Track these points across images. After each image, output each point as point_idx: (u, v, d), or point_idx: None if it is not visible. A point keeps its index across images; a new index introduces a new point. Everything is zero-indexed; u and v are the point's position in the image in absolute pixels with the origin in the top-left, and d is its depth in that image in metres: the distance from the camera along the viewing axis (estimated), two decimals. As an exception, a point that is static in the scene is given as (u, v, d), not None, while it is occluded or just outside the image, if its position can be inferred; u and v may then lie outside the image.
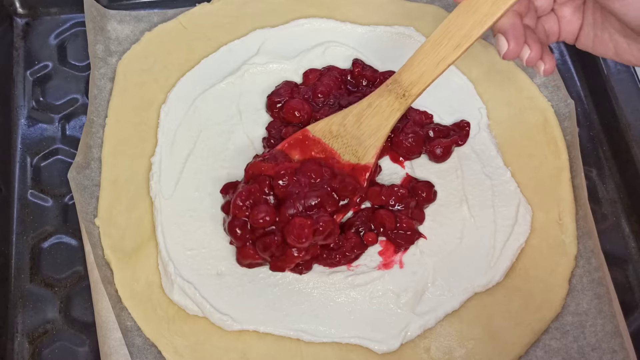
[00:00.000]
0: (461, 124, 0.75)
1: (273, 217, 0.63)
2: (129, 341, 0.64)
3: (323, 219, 0.63)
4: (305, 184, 0.65)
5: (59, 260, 0.72)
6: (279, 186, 0.64)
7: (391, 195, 0.69)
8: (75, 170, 0.72)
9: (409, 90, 0.61)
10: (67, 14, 0.89)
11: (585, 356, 0.65)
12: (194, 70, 0.80)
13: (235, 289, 0.66)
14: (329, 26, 0.83)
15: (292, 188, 0.64)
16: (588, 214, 0.70)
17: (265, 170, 0.65)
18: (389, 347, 0.64)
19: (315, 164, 0.65)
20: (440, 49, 0.58)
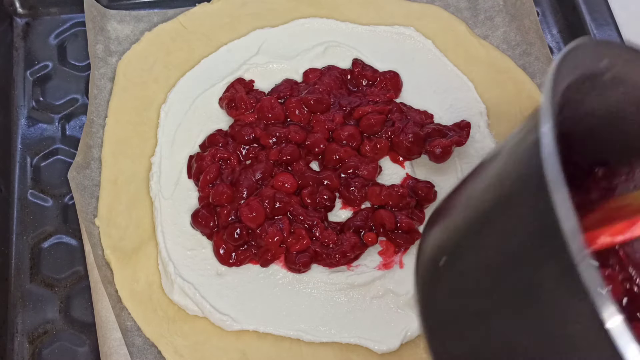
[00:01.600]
0: (461, 124, 0.75)
1: (230, 194, 0.68)
2: (129, 341, 0.64)
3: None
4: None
5: (59, 260, 0.72)
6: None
7: (391, 195, 0.69)
8: (75, 170, 0.72)
9: None
10: (67, 14, 0.89)
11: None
12: (194, 70, 0.80)
13: (235, 289, 0.66)
14: (329, 26, 0.83)
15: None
16: (588, 214, 0.70)
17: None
18: (389, 347, 0.64)
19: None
20: None
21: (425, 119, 0.75)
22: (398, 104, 0.76)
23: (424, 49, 0.81)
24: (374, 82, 0.77)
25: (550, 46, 0.87)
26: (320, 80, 0.77)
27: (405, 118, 0.74)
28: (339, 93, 0.76)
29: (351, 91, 0.77)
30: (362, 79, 0.78)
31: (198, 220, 0.69)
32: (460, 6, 0.86)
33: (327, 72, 0.78)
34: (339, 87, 0.77)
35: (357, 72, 0.78)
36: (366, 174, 0.71)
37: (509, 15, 0.84)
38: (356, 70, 0.78)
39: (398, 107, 0.75)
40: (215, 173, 0.70)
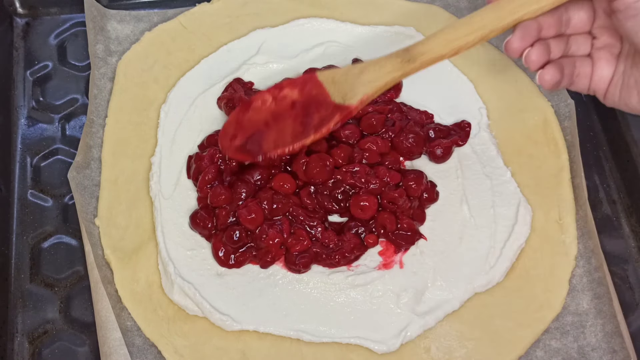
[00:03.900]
0: (461, 124, 0.75)
1: (228, 195, 0.68)
2: (129, 341, 0.64)
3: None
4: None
5: (59, 260, 0.72)
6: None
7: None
8: (75, 170, 0.72)
9: (415, 57, 0.63)
10: (67, 14, 0.89)
11: (585, 356, 0.65)
12: (194, 70, 0.80)
13: (235, 289, 0.66)
14: (329, 26, 0.83)
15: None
16: (588, 214, 0.70)
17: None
18: (389, 347, 0.64)
19: None
20: (457, 32, 0.61)
21: (425, 119, 0.75)
22: (398, 104, 0.76)
23: (424, 49, 0.81)
24: (374, 82, 0.77)
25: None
26: (320, 80, 0.77)
27: (405, 118, 0.74)
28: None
29: (351, 91, 0.77)
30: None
31: (196, 221, 0.69)
32: (460, 6, 0.86)
33: (327, 71, 0.78)
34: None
35: (357, 72, 0.78)
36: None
37: (509, 15, 0.84)
38: (356, 70, 0.78)
39: (398, 107, 0.75)
40: (214, 174, 0.70)
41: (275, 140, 0.67)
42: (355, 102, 0.64)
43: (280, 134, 0.67)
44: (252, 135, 0.68)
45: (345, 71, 0.67)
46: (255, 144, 0.67)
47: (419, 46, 0.63)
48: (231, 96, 0.75)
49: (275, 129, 0.68)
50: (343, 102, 0.65)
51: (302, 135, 0.66)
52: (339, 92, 0.66)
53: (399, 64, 0.63)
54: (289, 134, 0.67)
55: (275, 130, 0.67)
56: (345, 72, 0.66)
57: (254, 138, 0.68)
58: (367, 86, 0.64)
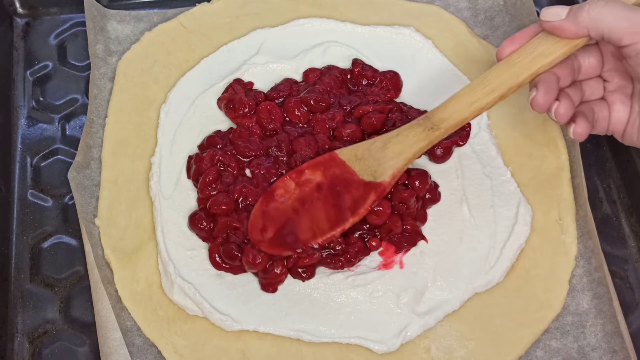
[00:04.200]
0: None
1: (230, 206, 0.68)
2: (129, 341, 0.64)
3: None
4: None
5: (59, 260, 0.72)
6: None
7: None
8: (75, 170, 0.72)
9: (438, 124, 0.63)
10: (67, 14, 0.89)
11: (586, 356, 0.65)
12: (194, 70, 0.80)
13: (235, 289, 0.66)
14: (329, 26, 0.83)
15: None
16: (588, 214, 0.70)
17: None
18: (389, 347, 0.64)
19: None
20: (475, 94, 0.62)
21: (425, 119, 0.75)
22: (398, 104, 0.76)
23: (424, 49, 0.81)
24: (374, 82, 0.77)
25: (550, 46, 0.87)
26: (320, 80, 0.77)
27: (405, 118, 0.74)
28: (339, 93, 0.76)
29: (351, 91, 0.77)
30: (362, 78, 0.78)
31: (195, 223, 0.69)
32: (460, 6, 0.86)
33: (327, 71, 0.78)
34: (339, 87, 0.77)
35: (357, 72, 0.78)
36: None
37: (509, 15, 0.84)
38: (356, 70, 0.78)
39: (398, 107, 0.75)
40: (215, 175, 0.70)
41: (311, 228, 0.65)
42: (387, 178, 0.64)
43: (315, 221, 0.66)
44: (284, 225, 0.66)
45: (367, 147, 0.66)
46: (290, 235, 0.66)
47: (439, 112, 0.63)
48: (231, 97, 0.75)
49: (307, 216, 0.66)
50: (374, 179, 0.65)
51: (340, 220, 0.65)
52: (366, 168, 0.65)
53: (423, 133, 0.64)
54: (323, 219, 0.65)
55: (308, 217, 0.66)
56: (367, 147, 0.66)
57: (287, 228, 0.66)
58: (396, 160, 0.64)
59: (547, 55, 0.59)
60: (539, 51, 0.60)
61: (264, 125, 0.73)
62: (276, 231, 0.66)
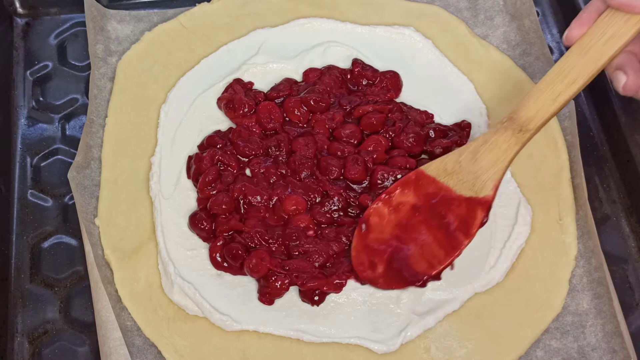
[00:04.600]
0: (462, 125, 0.75)
1: (230, 206, 0.67)
2: (129, 341, 0.64)
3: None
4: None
5: (59, 260, 0.72)
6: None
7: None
8: (75, 170, 0.72)
9: (526, 125, 0.61)
10: (67, 14, 0.89)
11: (586, 356, 0.65)
12: (194, 70, 0.80)
13: (235, 289, 0.66)
14: (329, 26, 0.83)
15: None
16: (588, 214, 0.70)
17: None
18: (389, 348, 0.64)
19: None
20: (556, 86, 0.60)
21: (425, 118, 0.75)
22: (398, 104, 0.76)
23: (424, 49, 0.81)
24: (374, 82, 0.77)
25: (550, 46, 0.87)
26: (320, 79, 0.77)
27: (405, 118, 0.74)
28: (339, 93, 0.76)
29: (351, 91, 0.77)
30: (362, 78, 0.78)
31: (195, 222, 0.69)
32: (460, 6, 0.86)
33: (327, 71, 0.78)
34: (339, 87, 0.77)
35: (357, 72, 0.78)
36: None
37: (509, 15, 0.84)
38: (356, 70, 0.78)
39: (398, 107, 0.75)
40: (215, 175, 0.70)
41: (423, 256, 0.63)
42: (490, 192, 0.62)
43: (425, 247, 0.63)
44: (393, 256, 0.64)
45: (456, 159, 0.64)
46: (404, 267, 0.63)
47: (524, 111, 0.62)
48: (231, 97, 0.75)
49: (414, 243, 0.64)
50: (475, 194, 0.63)
51: (453, 243, 0.63)
52: (461, 183, 0.63)
53: (512, 137, 0.62)
54: (434, 245, 0.63)
55: (415, 244, 0.64)
56: (456, 160, 0.64)
57: (397, 260, 0.64)
58: (493, 171, 0.62)
59: (620, 36, 0.57)
60: (610, 33, 0.58)
61: (264, 125, 0.74)
62: (386, 264, 0.64)
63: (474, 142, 0.65)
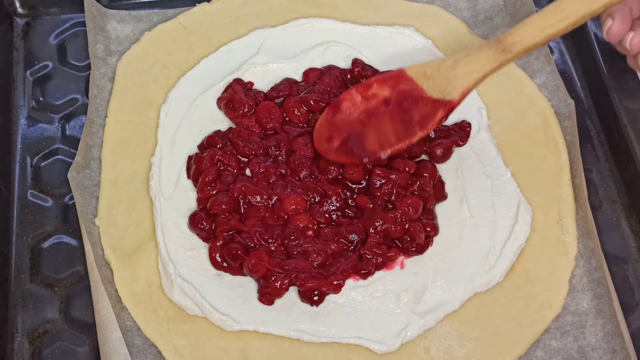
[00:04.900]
0: (462, 124, 0.75)
1: (230, 206, 0.68)
2: (129, 341, 0.64)
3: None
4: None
5: (59, 260, 0.72)
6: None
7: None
8: (75, 170, 0.72)
9: (509, 48, 0.64)
10: (67, 14, 0.89)
11: (586, 356, 0.65)
12: (194, 70, 0.80)
13: (235, 289, 0.66)
14: (329, 26, 0.83)
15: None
16: (588, 214, 0.70)
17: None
18: (389, 347, 0.64)
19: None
20: (548, 19, 0.62)
21: (425, 118, 0.75)
22: (398, 104, 0.76)
23: (424, 49, 0.81)
24: (374, 82, 0.77)
25: (550, 46, 0.87)
26: (320, 79, 0.77)
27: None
28: (339, 93, 0.76)
29: (351, 91, 0.78)
30: (362, 78, 0.78)
31: (195, 223, 0.69)
32: (460, 6, 0.86)
33: (327, 72, 0.78)
34: (339, 87, 0.77)
35: (357, 72, 0.78)
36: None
37: (509, 15, 0.84)
38: (356, 70, 0.78)
39: (398, 107, 0.75)
40: (215, 175, 0.70)
41: (378, 140, 0.67)
42: (457, 96, 0.65)
43: (382, 133, 0.67)
44: (350, 136, 0.68)
45: (436, 65, 0.67)
46: (357, 145, 0.67)
47: (511, 35, 0.64)
48: (231, 97, 0.75)
49: (374, 128, 0.67)
50: (442, 96, 0.65)
51: (408, 133, 0.66)
52: (434, 86, 0.66)
53: (494, 54, 0.64)
54: (390, 133, 0.66)
55: (374, 130, 0.67)
56: (437, 66, 0.67)
57: (353, 139, 0.68)
58: (466, 80, 0.65)
59: None
60: None
61: (264, 124, 0.74)
62: (342, 141, 0.68)
63: (458, 53, 0.67)
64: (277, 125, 0.74)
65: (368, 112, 0.69)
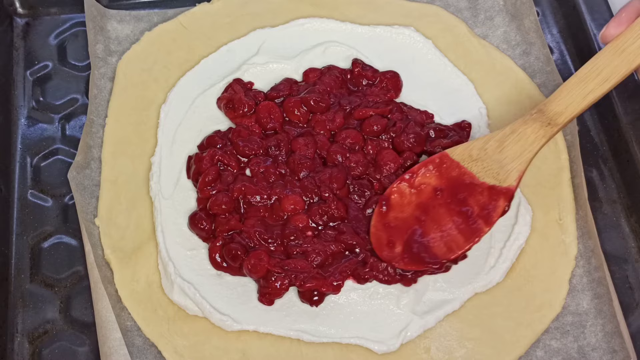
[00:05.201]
0: (462, 125, 0.75)
1: (230, 206, 0.68)
2: (129, 341, 0.64)
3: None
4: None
5: (59, 260, 0.72)
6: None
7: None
8: (75, 170, 0.72)
9: (555, 119, 0.62)
10: (67, 14, 0.89)
11: (586, 356, 0.65)
12: (194, 70, 0.80)
13: (236, 289, 0.66)
14: (329, 26, 0.83)
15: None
16: (588, 214, 0.70)
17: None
18: (389, 347, 0.64)
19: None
20: (588, 84, 0.61)
21: (425, 118, 0.75)
22: (398, 104, 0.76)
23: (424, 49, 0.81)
24: (374, 82, 0.77)
25: (550, 46, 0.87)
26: (320, 80, 0.77)
27: (406, 118, 0.74)
28: (339, 93, 0.76)
29: (351, 91, 0.77)
30: (362, 79, 0.78)
31: (195, 223, 0.69)
32: (460, 6, 0.86)
33: (327, 72, 0.78)
34: (339, 87, 0.77)
35: (357, 72, 0.78)
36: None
37: (509, 15, 0.84)
38: (356, 70, 0.78)
39: (398, 107, 0.75)
40: (215, 175, 0.70)
41: (443, 240, 0.64)
42: (514, 182, 0.63)
43: (444, 231, 0.64)
44: (411, 237, 0.65)
45: (481, 146, 0.64)
46: (422, 248, 0.64)
47: (554, 105, 0.62)
48: (231, 97, 0.75)
49: (434, 226, 0.64)
50: (498, 182, 0.63)
51: (473, 230, 0.63)
52: (485, 170, 0.64)
53: (540, 129, 0.62)
54: (454, 230, 0.64)
55: (435, 227, 0.64)
56: (482, 147, 0.64)
57: (416, 241, 0.64)
58: (518, 162, 0.63)
59: None
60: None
61: (264, 124, 0.74)
62: (405, 245, 0.64)
63: (501, 131, 0.65)
64: (277, 125, 0.74)
65: (422, 206, 0.65)
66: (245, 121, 0.74)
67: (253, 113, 0.74)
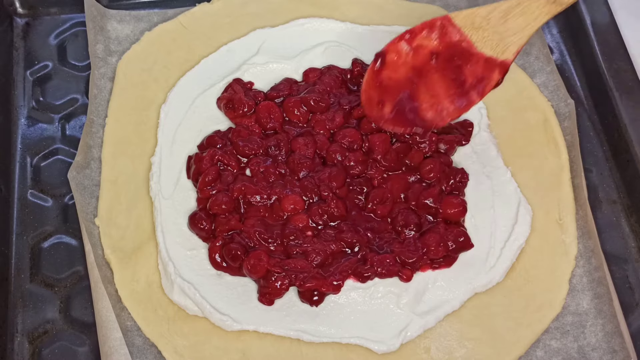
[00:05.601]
0: (464, 124, 0.75)
1: (230, 205, 0.67)
2: (129, 341, 0.64)
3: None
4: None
5: (59, 260, 0.72)
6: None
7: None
8: (75, 170, 0.72)
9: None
10: (67, 14, 0.89)
11: (585, 356, 0.65)
12: (194, 70, 0.80)
13: (235, 289, 0.66)
14: (329, 26, 0.83)
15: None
16: (588, 214, 0.70)
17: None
18: (389, 347, 0.64)
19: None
20: None
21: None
22: (398, 104, 0.76)
23: (424, 49, 0.81)
24: (374, 82, 0.77)
25: (550, 46, 0.87)
26: (320, 79, 0.77)
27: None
28: (339, 93, 0.76)
29: (351, 91, 0.77)
30: (362, 78, 0.77)
31: (195, 223, 0.69)
32: (460, 6, 0.86)
33: (327, 71, 0.78)
34: (339, 87, 0.77)
35: (357, 72, 0.78)
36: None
37: (509, 15, 0.84)
38: (356, 70, 0.78)
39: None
40: (214, 175, 0.70)
41: (432, 105, 0.62)
42: (511, 56, 0.60)
43: (435, 97, 0.62)
44: (402, 99, 0.63)
45: (485, 14, 0.62)
46: (411, 110, 0.63)
47: None
48: (231, 97, 0.75)
49: (426, 90, 0.63)
50: (495, 54, 0.61)
51: (463, 99, 0.62)
52: (484, 40, 0.62)
53: (546, 5, 0.60)
54: (445, 96, 0.62)
55: (427, 92, 0.63)
56: (486, 15, 0.62)
57: (404, 101, 0.63)
58: (519, 35, 0.61)
59: None
60: None
61: (263, 124, 0.74)
62: (394, 105, 0.64)
63: (507, 2, 0.63)
64: (277, 125, 0.74)
65: (417, 68, 0.64)
66: (245, 121, 0.74)
67: (253, 113, 0.74)
